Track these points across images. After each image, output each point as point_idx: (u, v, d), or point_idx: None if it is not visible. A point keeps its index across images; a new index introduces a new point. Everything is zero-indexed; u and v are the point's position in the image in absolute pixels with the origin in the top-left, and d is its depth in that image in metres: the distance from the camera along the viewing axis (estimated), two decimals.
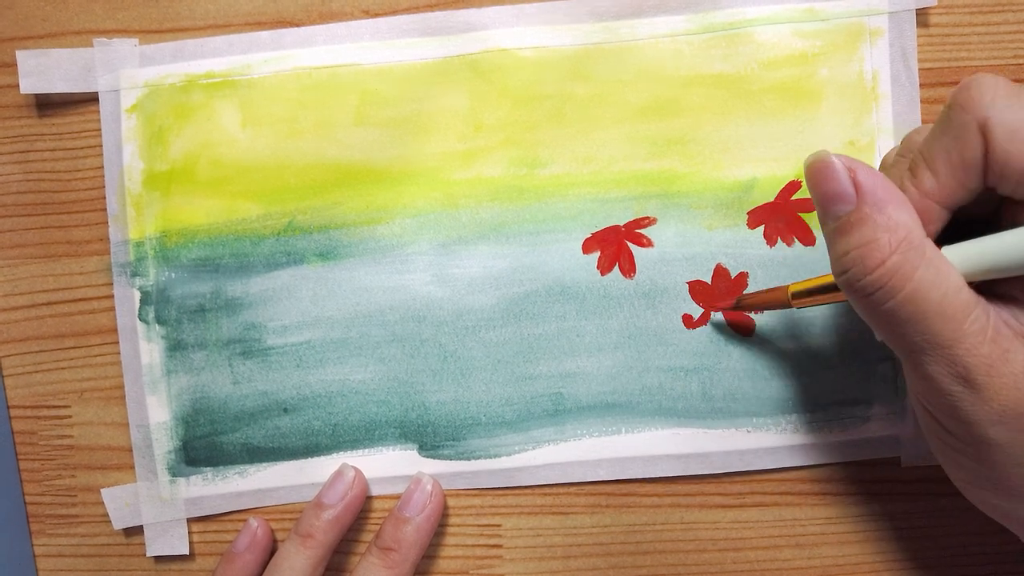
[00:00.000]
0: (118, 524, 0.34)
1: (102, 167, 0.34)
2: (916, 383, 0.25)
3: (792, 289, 0.29)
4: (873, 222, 0.23)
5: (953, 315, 0.22)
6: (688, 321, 0.33)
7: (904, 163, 0.25)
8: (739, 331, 0.33)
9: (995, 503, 0.26)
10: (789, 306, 0.29)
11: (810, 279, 0.28)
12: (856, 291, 0.24)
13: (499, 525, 0.34)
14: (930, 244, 0.23)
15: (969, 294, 0.23)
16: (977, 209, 0.24)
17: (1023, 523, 0.26)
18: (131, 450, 0.34)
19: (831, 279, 0.27)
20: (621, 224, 0.33)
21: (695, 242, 0.33)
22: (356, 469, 0.33)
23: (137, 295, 0.34)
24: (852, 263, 0.23)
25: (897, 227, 0.23)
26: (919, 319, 0.23)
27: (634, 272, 0.33)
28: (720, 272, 0.33)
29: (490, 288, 0.33)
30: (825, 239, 0.25)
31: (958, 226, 0.25)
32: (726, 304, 0.32)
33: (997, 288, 0.24)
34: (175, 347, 0.34)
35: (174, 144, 0.34)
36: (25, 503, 0.35)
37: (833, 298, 0.28)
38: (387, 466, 0.34)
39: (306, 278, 0.34)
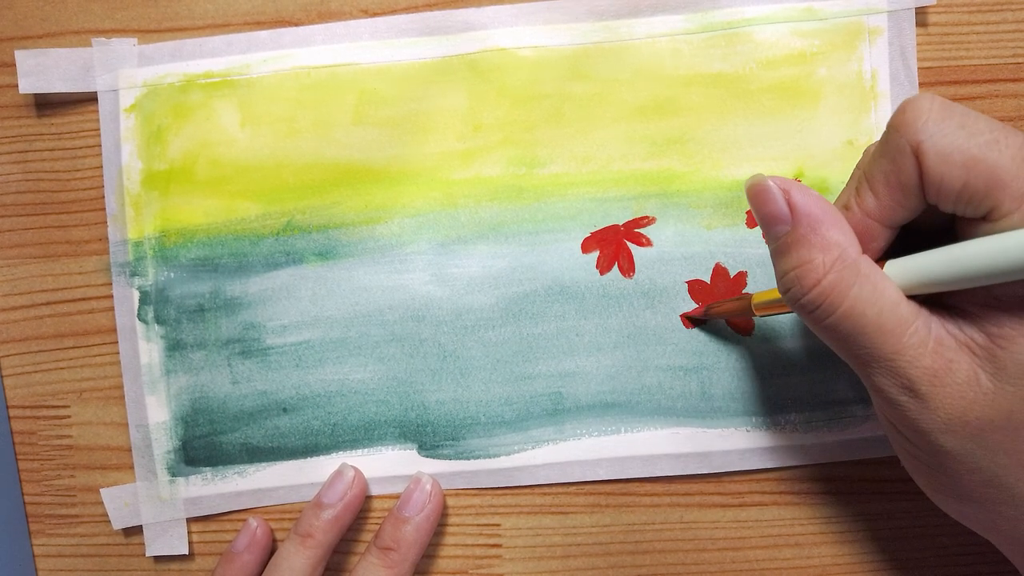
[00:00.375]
0: (117, 524, 0.34)
1: (101, 167, 0.34)
2: (871, 393, 0.25)
3: (755, 300, 0.29)
4: (808, 242, 0.24)
5: (892, 329, 0.23)
6: (687, 321, 0.33)
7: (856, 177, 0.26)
8: (738, 331, 0.33)
9: (958, 508, 0.26)
10: (753, 315, 0.30)
11: (771, 290, 0.29)
12: (798, 309, 0.24)
13: (498, 525, 0.34)
14: (866, 261, 0.24)
15: (908, 308, 0.23)
16: (933, 221, 0.25)
17: (985, 527, 0.26)
18: (130, 450, 0.34)
19: None
20: (620, 223, 0.33)
21: (694, 241, 0.33)
22: (355, 469, 0.33)
23: (136, 295, 0.34)
24: (791, 283, 0.24)
25: (830, 247, 0.23)
26: (858, 333, 0.23)
27: (633, 271, 0.33)
28: (719, 271, 0.33)
29: (489, 288, 0.33)
30: (771, 258, 0.25)
31: (915, 236, 0.25)
32: (697, 312, 0.33)
33: (944, 299, 0.24)
34: (174, 347, 0.34)
35: (173, 144, 0.34)
36: (24, 503, 0.35)
37: (788, 310, 0.28)
38: (386, 466, 0.34)
39: (305, 278, 0.34)
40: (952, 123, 0.22)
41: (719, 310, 0.31)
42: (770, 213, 0.24)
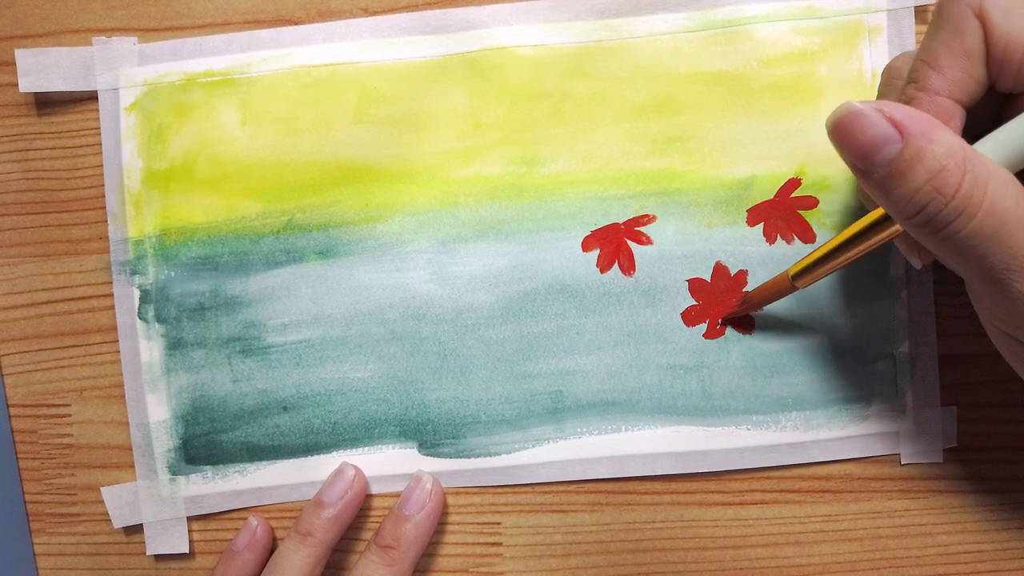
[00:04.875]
0: (118, 523, 0.34)
1: (101, 165, 0.34)
2: (1001, 309, 0.24)
3: (792, 272, 0.29)
4: (931, 153, 0.22)
5: None
6: (688, 319, 0.33)
7: (894, 91, 0.26)
8: (739, 329, 0.33)
9: None
10: (793, 289, 0.30)
11: (804, 258, 0.29)
12: (936, 224, 0.22)
13: (499, 523, 0.34)
14: (981, 154, 0.22)
15: None
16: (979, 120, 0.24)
17: None
18: (131, 448, 0.34)
19: (825, 248, 0.28)
20: (620, 222, 0.33)
21: (694, 240, 0.33)
22: (356, 467, 0.33)
23: (136, 293, 0.34)
24: (928, 197, 0.22)
25: (954, 148, 0.22)
26: (1001, 232, 0.22)
27: (633, 270, 0.33)
28: (720, 270, 0.33)
29: (490, 286, 0.33)
30: (875, 191, 0.23)
31: None
32: (731, 309, 0.32)
33: None
34: (175, 345, 0.34)
35: (173, 142, 0.34)
36: (25, 502, 0.35)
37: (831, 268, 0.28)
38: (387, 464, 0.34)
39: (305, 276, 0.34)
40: None
41: (755, 298, 0.32)
42: (872, 138, 0.22)
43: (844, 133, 0.23)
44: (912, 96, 0.24)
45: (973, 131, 0.24)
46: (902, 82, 0.26)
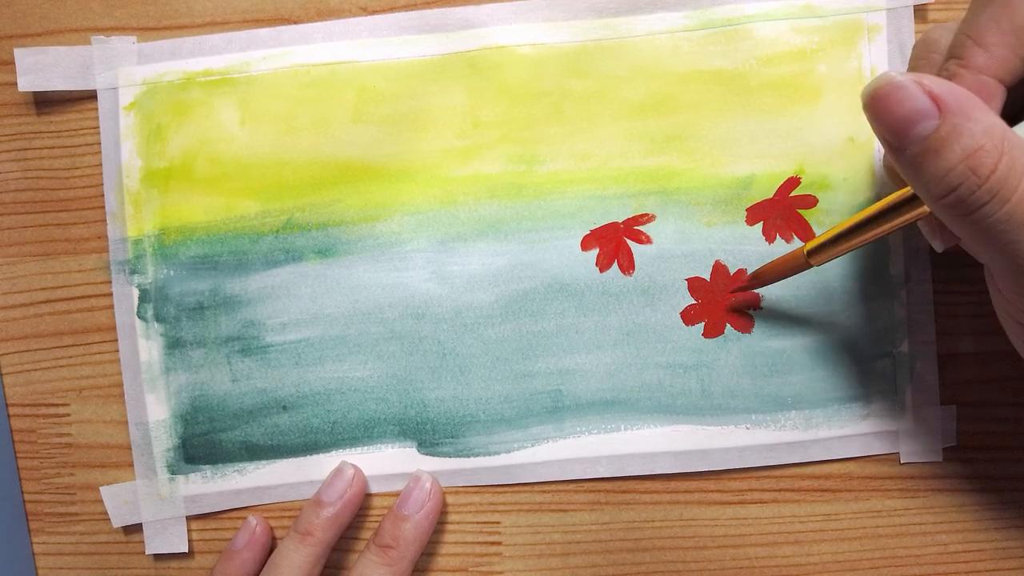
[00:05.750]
0: (117, 522, 0.34)
1: (100, 165, 0.34)
2: (1021, 299, 0.23)
3: (807, 247, 0.28)
4: (968, 131, 0.21)
5: None
6: (687, 318, 0.33)
7: (929, 65, 0.25)
8: (738, 327, 0.33)
9: None
10: (807, 266, 0.29)
11: (822, 235, 0.28)
12: (967, 207, 0.21)
13: (498, 522, 0.34)
14: (1021, 137, 0.21)
15: None
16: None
17: None
18: (130, 448, 0.34)
19: (845, 225, 0.27)
20: (620, 221, 0.33)
21: (694, 239, 0.33)
22: (355, 467, 0.33)
23: (136, 293, 0.34)
24: (961, 177, 0.21)
25: (993, 128, 0.21)
26: None
27: (633, 269, 0.33)
28: (719, 269, 0.33)
29: (489, 285, 0.33)
30: (905, 168, 0.22)
31: None
32: (742, 285, 0.32)
33: None
34: (174, 345, 0.34)
35: (172, 141, 0.34)
36: (24, 501, 0.35)
37: (848, 247, 0.27)
38: (386, 464, 0.34)
39: (305, 275, 0.34)
40: None
41: (767, 274, 0.31)
42: (909, 111, 0.21)
43: (880, 105, 0.22)
44: (954, 72, 0.23)
45: (1009, 112, 0.24)
46: (939, 56, 0.25)
